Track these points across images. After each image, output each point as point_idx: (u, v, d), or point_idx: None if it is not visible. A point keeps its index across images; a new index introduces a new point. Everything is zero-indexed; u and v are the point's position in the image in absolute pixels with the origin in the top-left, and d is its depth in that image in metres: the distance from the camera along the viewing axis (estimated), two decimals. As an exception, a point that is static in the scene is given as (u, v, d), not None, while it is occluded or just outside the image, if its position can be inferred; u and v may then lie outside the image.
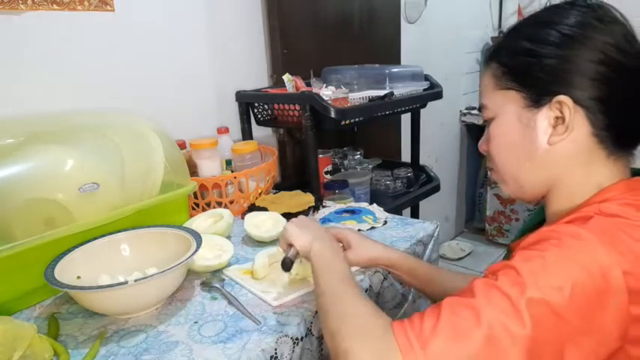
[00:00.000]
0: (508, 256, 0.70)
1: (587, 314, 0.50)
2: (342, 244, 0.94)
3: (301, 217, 0.90)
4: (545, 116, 0.61)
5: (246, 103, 1.56)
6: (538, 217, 0.74)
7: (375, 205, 1.30)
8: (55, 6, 1.14)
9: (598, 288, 0.50)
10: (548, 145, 0.62)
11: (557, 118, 0.61)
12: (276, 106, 1.51)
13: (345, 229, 0.94)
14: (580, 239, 0.53)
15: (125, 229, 0.97)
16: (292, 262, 0.82)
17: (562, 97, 0.59)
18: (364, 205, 1.32)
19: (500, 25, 3.13)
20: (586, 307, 0.50)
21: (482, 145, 0.72)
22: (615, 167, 0.62)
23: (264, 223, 1.12)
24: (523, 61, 0.63)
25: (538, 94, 0.62)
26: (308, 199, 1.29)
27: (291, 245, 0.83)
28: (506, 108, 0.65)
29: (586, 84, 0.59)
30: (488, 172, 0.73)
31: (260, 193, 1.34)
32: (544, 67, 0.61)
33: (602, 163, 0.62)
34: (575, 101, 0.59)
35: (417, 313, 0.55)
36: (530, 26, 0.65)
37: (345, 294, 0.66)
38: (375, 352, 0.53)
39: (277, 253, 0.98)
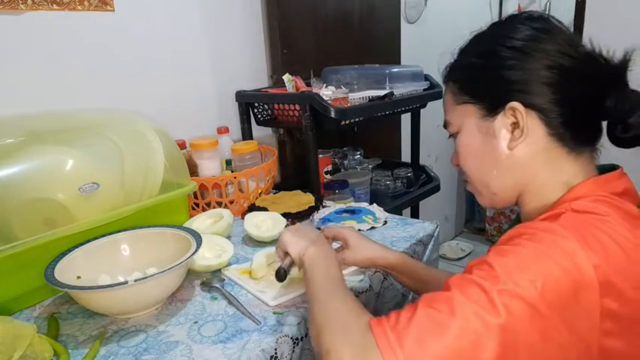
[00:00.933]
0: None
1: (561, 307, 0.51)
2: (340, 244, 0.94)
3: (297, 224, 0.91)
4: (501, 123, 0.65)
5: (246, 103, 1.56)
6: (518, 220, 0.74)
7: (375, 205, 1.30)
8: (55, 6, 1.14)
9: (571, 281, 0.51)
10: (509, 150, 0.65)
11: (513, 123, 0.64)
12: (276, 106, 1.51)
13: (345, 229, 0.94)
14: (553, 233, 0.54)
15: (125, 229, 0.97)
16: (286, 273, 0.82)
17: (514, 104, 0.63)
18: (364, 205, 1.32)
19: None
20: (559, 300, 0.51)
21: (453, 160, 0.74)
22: (578, 164, 0.64)
23: (264, 223, 1.12)
24: (475, 76, 0.68)
25: (492, 103, 0.65)
26: (308, 199, 1.29)
27: (286, 254, 0.83)
28: (466, 121, 0.69)
29: (536, 89, 0.62)
30: (465, 184, 0.76)
31: (260, 193, 1.34)
32: (495, 79, 0.65)
33: (564, 160, 0.64)
34: (527, 106, 0.62)
35: (394, 311, 0.56)
36: (479, 43, 0.70)
37: (330, 296, 0.66)
38: (355, 351, 0.53)
39: (275, 253, 0.98)
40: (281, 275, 0.82)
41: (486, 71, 0.66)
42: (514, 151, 0.65)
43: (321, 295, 0.68)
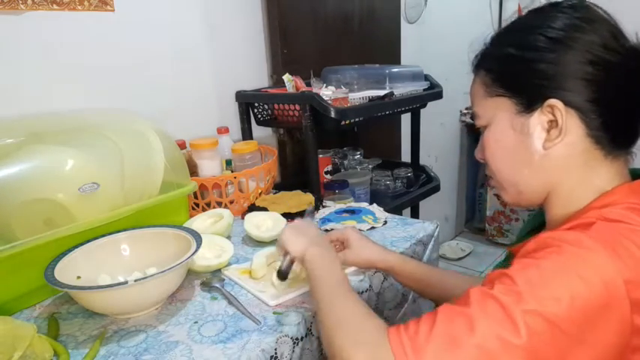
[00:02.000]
0: (508, 259, 0.70)
1: (587, 326, 0.49)
2: (337, 245, 0.94)
3: (298, 221, 0.90)
4: (537, 121, 0.61)
5: (246, 103, 1.56)
6: (538, 219, 0.73)
7: (375, 205, 1.30)
8: (55, 6, 1.14)
9: (599, 299, 0.49)
10: (544, 150, 0.61)
11: (550, 122, 0.60)
12: (276, 106, 1.51)
13: (346, 229, 0.94)
14: (581, 247, 0.52)
15: (125, 229, 0.97)
16: (287, 272, 0.83)
17: (553, 101, 0.59)
18: (364, 205, 1.32)
19: (500, 25, 3.13)
20: (585, 318, 0.49)
21: (478, 154, 0.71)
22: (613, 168, 0.61)
23: (264, 223, 1.12)
24: (511, 68, 0.63)
25: (529, 99, 0.61)
26: (308, 199, 1.29)
27: (287, 252, 0.83)
28: (499, 115, 0.64)
29: (576, 85, 0.58)
30: (488, 179, 0.73)
31: (260, 193, 1.33)
32: (533, 72, 0.60)
33: (600, 163, 0.61)
34: (567, 104, 0.58)
35: (413, 320, 0.55)
36: (516, 32, 0.65)
37: (340, 300, 0.66)
38: (370, 357, 0.53)
39: (275, 253, 0.98)
40: (282, 275, 0.83)
41: (524, 64, 0.61)
42: (549, 152, 0.61)
43: (329, 296, 0.67)
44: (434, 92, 1.66)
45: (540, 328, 0.48)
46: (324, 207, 1.31)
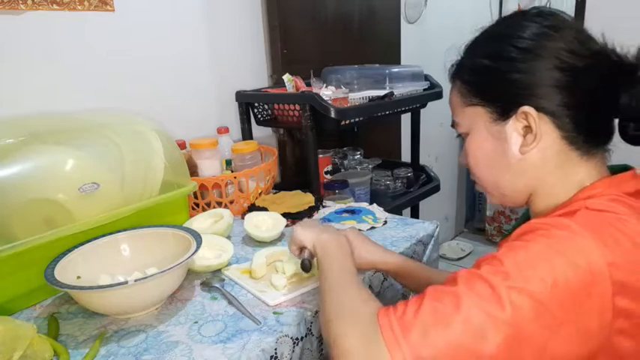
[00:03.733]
0: None
1: (570, 306, 0.51)
2: None
3: (305, 220, 0.92)
4: (512, 128, 0.63)
5: (246, 103, 1.56)
6: (528, 216, 0.74)
7: (375, 205, 1.30)
8: (55, 6, 1.14)
9: (583, 280, 0.51)
10: (521, 155, 0.64)
11: (524, 127, 0.63)
12: (276, 106, 1.51)
13: (347, 231, 0.93)
14: (567, 230, 0.54)
15: (125, 229, 0.97)
16: (310, 263, 0.83)
17: (526, 108, 0.61)
18: (364, 205, 1.32)
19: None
20: (569, 298, 0.50)
21: (462, 160, 0.74)
22: (591, 165, 0.64)
23: (264, 223, 1.12)
24: (485, 78, 0.66)
25: (503, 107, 0.64)
26: (308, 199, 1.29)
27: (303, 248, 0.85)
28: (477, 123, 0.67)
29: (547, 92, 0.61)
30: (475, 183, 0.75)
31: (260, 193, 1.34)
32: (506, 82, 0.63)
33: (577, 162, 0.63)
34: (539, 109, 0.61)
35: (402, 301, 0.56)
36: (487, 42, 0.67)
37: (342, 285, 0.67)
38: (361, 338, 0.54)
39: (276, 252, 0.98)
40: (307, 266, 0.83)
41: (496, 74, 0.64)
42: (526, 156, 0.64)
43: (333, 283, 0.69)
44: (434, 92, 1.67)
45: (525, 305, 0.50)
46: (324, 207, 1.31)
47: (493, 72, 0.64)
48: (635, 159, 0.67)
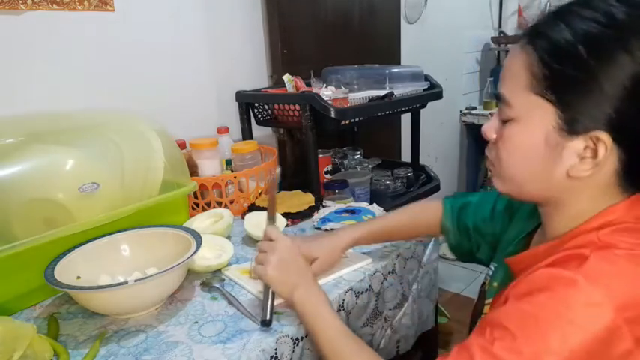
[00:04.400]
0: (505, 275, 0.69)
1: None
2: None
3: (280, 250, 0.79)
4: (575, 147, 0.54)
5: (246, 103, 1.55)
6: (533, 222, 0.72)
7: (375, 205, 1.30)
8: (55, 6, 1.14)
9: (598, 339, 0.48)
10: (566, 175, 0.56)
11: (586, 148, 0.53)
12: (276, 106, 1.51)
13: (304, 246, 0.87)
14: (575, 287, 0.50)
15: (125, 229, 0.97)
16: (272, 318, 0.78)
17: (603, 135, 0.52)
18: (364, 205, 1.32)
19: (500, 25, 3.13)
20: (587, 358, 0.48)
21: (489, 133, 0.62)
22: (624, 200, 0.57)
23: (264, 223, 1.12)
24: (573, 75, 0.52)
25: (578, 123, 0.53)
26: (308, 199, 1.29)
27: (268, 288, 0.79)
28: (535, 119, 0.56)
29: (634, 122, 0.51)
30: (486, 160, 0.66)
31: (260, 193, 1.33)
32: (594, 90, 0.51)
33: (614, 198, 0.57)
34: (615, 139, 0.52)
35: None
36: (591, 20, 0.52)
37: (345, 352, 0.68)
38: None
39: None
40: (269, 323, 0.77)
41: (590, 77, 0.51)
42: (572, 178, 0.56)
43: (334, 350, 0.69)
44: (434, 92, 1.66)
45: None
46: (324, 207, 1.31)
47: (587, 71, 0.51)
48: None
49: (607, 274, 0.50)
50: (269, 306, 0.78)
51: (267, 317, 0.77)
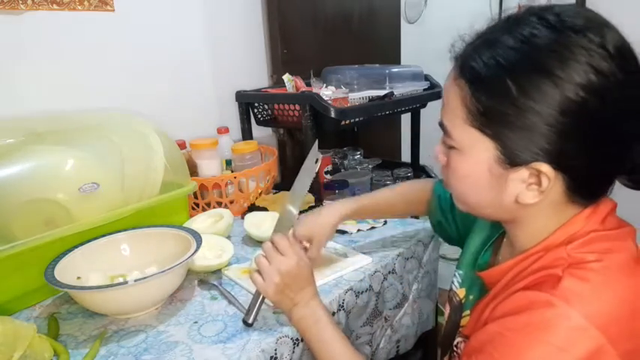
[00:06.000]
0: (481, 288, 0.69)
1: None
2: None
3: (287, 267, 0.74)
4: (519, 177, 0.54)
5: (246, 103, 1.55)
6: (497, 229, 0.72)
7: (375, 205, 1.30)
8: (55, 6, 1.14)
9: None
10: (516, 202, 0.56)
11: (531, 175, 0.54)
12: (276, 106, 1.51)
13: (297, 228, 0.87)
14: (553, 310, 0.50)
15: (125, 229, 0.97)
16: (253, 323, 0.77)
17: (543, 167, 0.52)
18: (364, 205, 1.32)
19: (500, 25, 3.13)
20: None
21: (439, 157, 0.63)
22: (582, 212, 0.58)
23: (264, 223, 1.12)
24: (505, 112, 0.52)
25: (516, 154, 0.53)
26: (308, 199, 1.29)
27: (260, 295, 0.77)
28: (476, 151, 0.56)
29: (571, 151, 0.51)
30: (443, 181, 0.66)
31: (260, 193, 1.33)
32: (532, 132, 0.51)
33: (571, 212, 0.57)
34: (556, 168, 0.52)
35: None
36: (519, 54, 0.51)
37: None
38: None
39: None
40: (250, 325, 0.77)
41: (525, 114, 0.50)
42: (521, 204, 0.56)
43: None
44: (434, 92, 1.66)
45: None
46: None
47: (517, 106, 0.51)
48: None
49: (584, 294, 0.50)
50: (255, 309, 0.77)
51: (250, 321, 0.76)
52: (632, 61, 0.51)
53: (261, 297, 0.77)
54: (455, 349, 0.71)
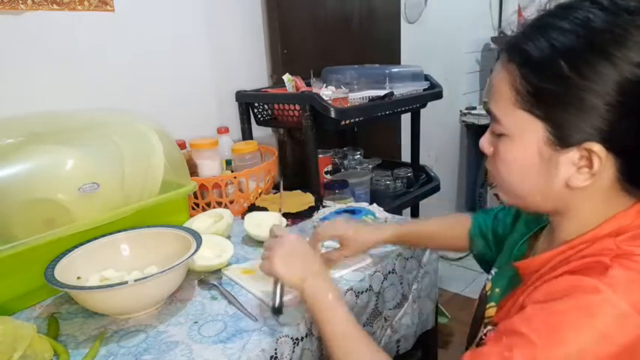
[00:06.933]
0: (510, 281, 0.68)
1: None
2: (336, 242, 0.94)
3: (287, 243, 0.79)
4: (570, 159, 0.53)
5: (246, 103, 1.56)
6: (538, 223, 0.72)
7: (375, 205, 1.30)
8: (55, 6, 1.14)
9: (623, 351, 0.48)
10: (566, 186, 0.55)
11: (582, 157, 0.53)
12: (276, 106, 1.51)
13: (337, 227, 0.92)
14: (598, 294, 0.49)
15: (125, 229, 0.97)
16: (282, 306, 0.78)
17: (595, 146, 0.51)
18: (364, 205, 1.32)
19: (500, 25, 3.13)
20: None
21: (486, 147, 0.62)
22: (633, 205, 0.56)
23: (264, 223, 1.12)
24: (554, 90, 0.52)
25: (567, 134, 0.52)
26: (308, 199, 1.29)
27: (277, 280, 0.79)
28: (526, 135, 0.56)
29: (625, 131, 0.51)
30: (488, 174, 0.66)
31: (260, 193, 1.33)
32: (586, 111, 0.51)
33: (621, 203, 0.56)
34: (608, 149, 0.51)
35: None
36: (573, 35, 0.51)
37: (353, 344, 0.68)
38: None
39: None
40: (278, 311, 0.78)
41: (576, 92, 0.51)
42: (571, 188, 0.55)
43: (341, 342, 0.69)
44: (434, 92, 1.66)
45: None
46: (324, 207, 1.31)
47: (571, 86, 0.51)
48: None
49: (630, 283, 0.50)
50: (278, 295, 0.78)
51: (277, 304, 0.77)
52: None
53: (279, 284, 0.79)
54: (483, 337, 0.69)
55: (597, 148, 0.51)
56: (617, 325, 0.48)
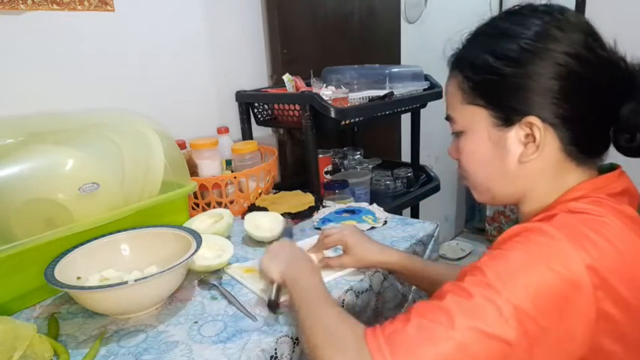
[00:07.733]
0: None
1: (554, 312, 0.51)
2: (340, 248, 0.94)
3: (274, 245, 0.89)
4: (515, 136, 0.62)
5: (246, 103, 1.56)
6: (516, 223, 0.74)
7: (375, 205, 1.30)
8: (55, 6, 1.14)
9: (563, 286, 0.51)
10: (519, 163, 0.63)
11: (527, 135, 0.61)
12: (276, 106, 1.51)
13: (345, 233, 0.92)
14: (545, 236, 0.54)
15: (125, 229, 0.97)
16: (277, 302, 0.80)
17: (532, 119, 0.60)
18: (364, 205, 1.32)
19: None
20: (552, 305, 0.51)
21: (452, 153, 0.71)
22: (585, 173, 0.63)
23: (264, 223, 1.12)
24: (488, 79, 0.62)
25: (508, 114, 0.62)
26: (308, 199, 1.29)
27: (272, 281, 0.82)
28: (476, 125, 0.65)
29: (551, 102, 0.59)
30: (461, 177, 0.73)
31: (260, 193, 1.34)
32: (509, 87, 0.60)
33: (572, 172, 0.63)
34: (544, 120, 0.59)
35: (389, 319, 0.56)
36: (492, 36, 0.64)
37: (319, 309, 0.67)
38: None
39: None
40: (273, 307, 0.79)
41: (502, 76, 0.60)
42: (524, 164, 0.62)
43: (309, 309, 0.68)
44: (434, 92, 1.67)
45: (509, 316, 0.50)
46: (324, 207, 1.31)
47: (496, 73, 0.61)
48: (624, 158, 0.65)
49: (574, 229, 0.54)
50: (274, 291, 0.80)
51: (273, 298, 0.79)
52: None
53: (275, 285, 0.81)
54: None
55: (535, 120, 0.59)
56: (563, 262, 0.51)
